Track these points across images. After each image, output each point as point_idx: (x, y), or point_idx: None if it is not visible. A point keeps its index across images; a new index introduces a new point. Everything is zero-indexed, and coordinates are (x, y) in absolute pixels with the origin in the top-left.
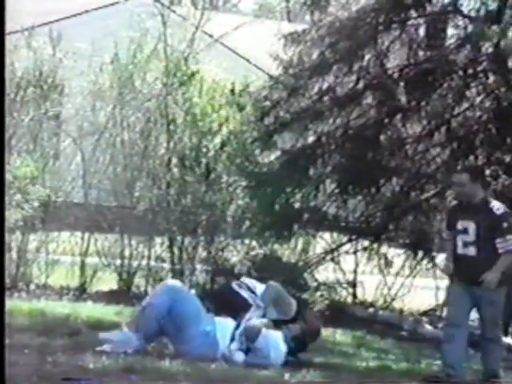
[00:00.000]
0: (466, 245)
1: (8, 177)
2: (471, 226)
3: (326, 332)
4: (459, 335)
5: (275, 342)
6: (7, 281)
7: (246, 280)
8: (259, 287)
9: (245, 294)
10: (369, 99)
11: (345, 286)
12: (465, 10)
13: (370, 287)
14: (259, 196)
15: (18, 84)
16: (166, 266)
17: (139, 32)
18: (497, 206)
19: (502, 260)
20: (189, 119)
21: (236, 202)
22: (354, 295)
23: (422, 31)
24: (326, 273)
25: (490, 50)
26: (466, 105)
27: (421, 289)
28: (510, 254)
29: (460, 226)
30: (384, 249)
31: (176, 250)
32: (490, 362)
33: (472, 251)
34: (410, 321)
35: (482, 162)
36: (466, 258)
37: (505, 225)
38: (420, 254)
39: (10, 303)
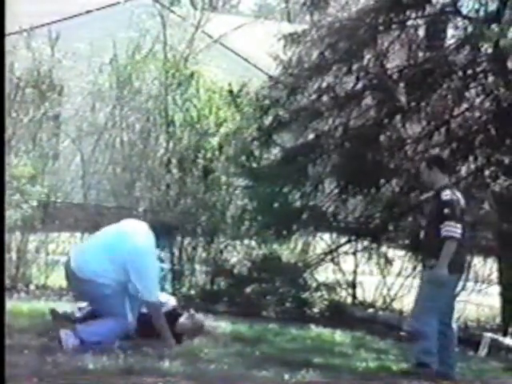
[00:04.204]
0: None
1: (7, 177)
2: (426, 212)
3: (325, 332)
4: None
5: None
6: (7, 281)
7: None
8: None
9: None
10: (368, 99)
11: (344, 286)
12: (464, 10)
13: (370, 288)
14: (258, 196)
15: (17, 84)
16: (166, 266)
17: (138, 32)
18: (446, 193)
19: (444, 246)
20: (188, 120)
21: (235, 203)
22: (354, 296)
23: (421, 32)
24: (325, 273)
25: (490, 50)
26: (465, 105)
27: None
28: (450, 240)
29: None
30: (384, 249)
31: (175, 251)
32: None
33: (422, 235)
34: (410, 321)
35: (482, 163)
36: (421, 242)
37: (446, 211)
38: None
39: (9, 304)
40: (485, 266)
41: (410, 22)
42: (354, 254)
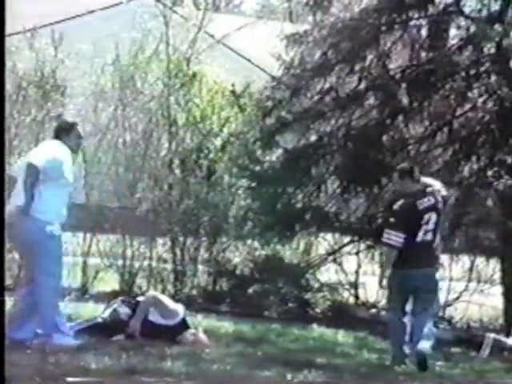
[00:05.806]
0: None
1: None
2: None
3: (327, 333)
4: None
5: None
6: (9, 281)
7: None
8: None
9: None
10: (371, 100)
11: (347, 286)
12: (467, 10)
13: (372, 288)
14: (261, 196)
15: (19, 85)
16: (168, 266)
17: (141, 33)
18: (397, 203)
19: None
20: (190, 120)
21: (238, 203)
22: (356, 296)
23: (424, 32)
24: (328, 274)
25: (493, 50)
26: (468, 106)
27: None
28: (387, 246)
29: None
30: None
31: (178, 251)
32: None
33: None
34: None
35: (485, 163)
36: None
37: (391, 220)
38: None
39: (11, 303)
40: (488, 267)
41: (412, 22)
42: (357, 254)
